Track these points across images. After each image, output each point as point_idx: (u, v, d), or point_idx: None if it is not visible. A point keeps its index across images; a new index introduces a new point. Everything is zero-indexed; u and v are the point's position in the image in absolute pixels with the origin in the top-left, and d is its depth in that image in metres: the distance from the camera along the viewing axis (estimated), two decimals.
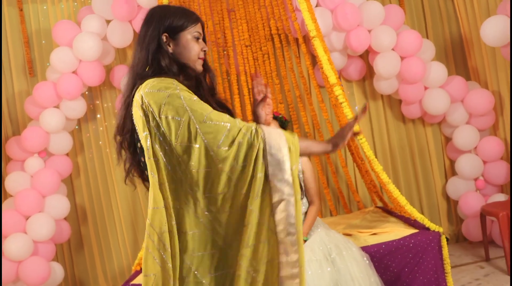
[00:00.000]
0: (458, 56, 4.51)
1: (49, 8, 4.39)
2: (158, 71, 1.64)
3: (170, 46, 1.69)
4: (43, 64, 4.40)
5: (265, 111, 1.76)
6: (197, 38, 1.70)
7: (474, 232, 4.17)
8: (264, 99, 1.75)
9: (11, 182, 3.97)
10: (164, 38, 1.67)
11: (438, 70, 4.13)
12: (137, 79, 1.65)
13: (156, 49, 1.66)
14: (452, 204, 4.47)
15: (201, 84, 1.76)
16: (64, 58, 4.03)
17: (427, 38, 4.47)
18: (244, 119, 4.31)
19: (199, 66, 1.72)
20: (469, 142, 4.16)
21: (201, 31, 1.72)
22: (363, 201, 4.38)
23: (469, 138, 4.16)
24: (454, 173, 4.39)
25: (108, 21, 4.18)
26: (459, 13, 4.39)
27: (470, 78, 4.40)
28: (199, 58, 1.71)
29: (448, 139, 4.43)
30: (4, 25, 4.31)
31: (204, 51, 1.73)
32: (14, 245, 3.70)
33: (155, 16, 1.69)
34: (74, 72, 4.10)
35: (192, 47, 1.68)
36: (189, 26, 1.68)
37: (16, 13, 4.33)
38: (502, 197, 4.09)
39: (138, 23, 4.14)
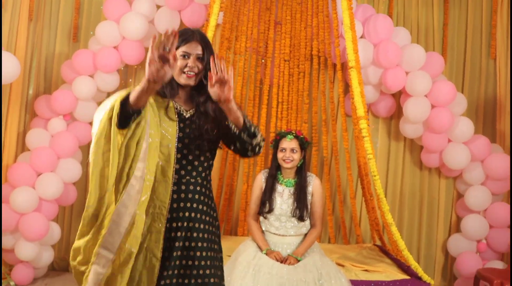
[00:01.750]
0: (488, 117, 4.51)
1: None
2: None
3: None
4: (87, 32, 4.53)
5: (220, 89, 1.78)
6: (183, 56, 1.93)
7: None
8: (217, 79, 1.80)
9: (32, 137, 4.09)
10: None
11: (465, 126, 4.15)
12: None
13: None
14: (449, 259, 4.45)
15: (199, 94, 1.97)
16: (109, 32, 4.15)
17: (462, 92, 4.49)
18: (267, 130, 4.37)
19: (182, 79, 1.94)
20: (480, 203, 4.16)
21: (189, 50, 1.93)
22: (363, 236, 4.39)
23: (481, 199, 4.16)
24: (458, 230, 4.38)
25: (158, 6, 4.29)
26: (498, 75, 4.41)
27: (496, 141, 4.40)
28: (182, 72, 1.93)
29: (460, 195, 4.43)
30: None
31: (189, 66, 1.92)
32: (20, 198, 3.80)
33: None
34: (115, 47, 4.22)
35: (177, 63, 1.80)
36: (179, 47, 1.93)
37: None
38: (500, 265, 4.07)
39: (187, 14, 4.25)
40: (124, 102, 1.77)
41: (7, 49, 4.00)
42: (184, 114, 1.97)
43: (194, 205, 1.93)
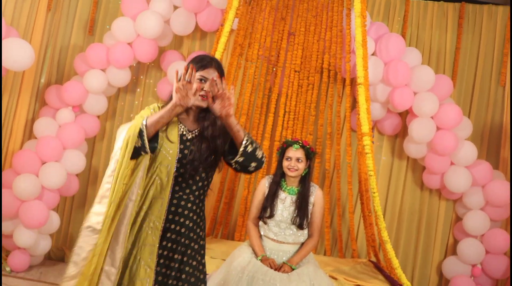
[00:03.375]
0: (492, 143, 4.52)
1: None
2: (169, 98, 2.10)
3: None
4: (103, 26, 4.59)
5: (221, 104, 2.00)
6: (200, 80, 2.06)
7: None
8: (218, 95, 2.00)
9: (40, 125, 4.14)
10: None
11: (469, 150, 4.17)
12: None
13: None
14: (443, 282, 4.46)
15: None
16: (125, 28, 4.20)
17: (468, 117, 4.51)
18: (272, 139, 4.40)
19: (197, 101, 2.04)
20: (478, 228, 4.17)
21: (208, 75, 2.06)
22: (359, 251, 4.41)
23: (479, 224, 4.17)
24: (454, 252, 4.39)
25: (175, 7, 4.34)
26: (507, 102, 4.43)
27: (498, 168, 4.41)
28: (199, 95, 2.04)
29: (458, 219, 4.44)
30: None
31: (205, 90, 2.04)
32: (23, 184, 3.84)
33: (188, 61, 2.13)
34: (129, 43, 4.27)
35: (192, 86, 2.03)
36: (196, 71, 2.07)
37: None
38: None
39: (202, 17, 4.30)
40: (141, 132, 1.94)
41: (24, 37, 4.06)
42: (187, 135, 2.08)
43: (182, 220, 2.04)
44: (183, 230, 2.03)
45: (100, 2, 4.60)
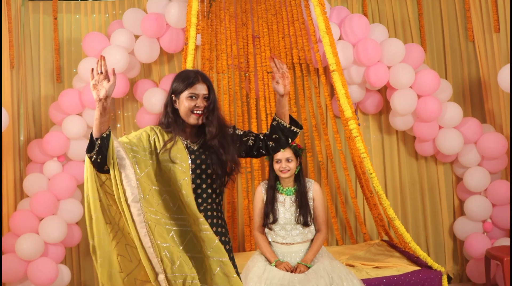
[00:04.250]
0: (475, 99, 4.56)
1: (81, 18, 4.57)
2: (161, 121, 2.18)
3: (176, 103, 2.16)
4: (70, 71, 4.56)
5: (283, 82, 2.13)
6: (191, 97, 2.10)
7: (478, 274, 4.18)
8: (281, 75, 2.15)
9: (29, 183, 4.10)
10: (173, 97, 2.17)
11: (454, 111, 4.19)
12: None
13: (166, 105, 2.18)
14: (458, 244, 4.48)
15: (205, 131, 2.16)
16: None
17: (446, 78, 4.54)
18: None
19: (191, 119, 2.11)
20: (479, 184, 4.20)
21: (197, 91, 2.10)
22: (370, 234, 4.42)
23: (480, 180, 4.20)
24: (462, 213, 4.41)
25: (136, 36, 4.33)
26: (479, 56, 4.46)
27: (486, 121, 4.45)
28: (192, 113, 2.10)
29: (459, 179, 4.46)
30: (38, 32, 4.49)
31: (197, 106, 2.09)
32: (25, 245, 3.80)
33: (172, 81, 2.19)
34: None
35: (184, 105, 2.10)
36: (185, 90, 2.11)
37: (50, 21, 4.51)
38: (508, 242, 4.09)
39: (165, 41, 4.30)
40: (90, 149, 1.95)
41: None
42: (192, 146, 2.13)
43: (213, 229, 2.07)
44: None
45: (61, 48, 4.57)
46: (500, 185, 4.19)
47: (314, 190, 3.15)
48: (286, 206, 3.09)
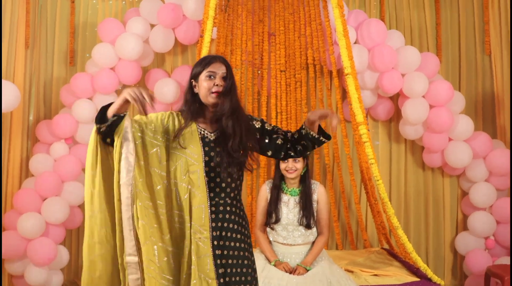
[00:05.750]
0: (487, 113, 4.52)
1: (99, 3, 4.57)
2: (181, 108, 2.13)
3: (195, 88, 2.10)
4: (84, 55, 4.57)
5: (333, 126, 2.09)
6: (209, 77, 2.04)
7: None
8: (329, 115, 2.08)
9: (35, 162, 4.11)
10: (192, 82, 2.11)
11: (465, 124, 4.16)
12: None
13: (187, 91, 2.12)
14: (458, 258, 4.45)
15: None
16: (105, 54, 4.19)
17: (459, 90, 4.51)
18: None
19: (211, 99, 2.04)
20: (485, 200, 4.16)
21: (215, 69, 2.04)
22: (370, 240, 4.39)
23: (486, 195, 4.16)
24: (465, 228, 4.38)
25: (152, 25, 4.33)
26: (494, 70, 4.42)
27: (496, 137, 4.41)
28: (211, 92, 2.03)
29: (464, 193, 4.43)
30: (55, 14, 4.50)
31: (216, 85, 2.02)
32: (27, 223, 3.82)
33: (191, 70, 2.14)
34: (112, 68, 4.25)
35: (203, 86, 2.05)
36: (203, 71, 2.05)
37: (68, 4, 4.52)
38: (510, 261, 4.06)
39: (181, 32, 4.29)
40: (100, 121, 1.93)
41: (6, 77, 4.04)
42: (209, 137, 2.05)
43: (225, 224, 2.02)
44: (229, 234, 2.01)
45: (76, 31, 4.58)
46: (506, 202, 4.15)
47: (319, 192, 3.13)
48: (289, 206, 3.08)
